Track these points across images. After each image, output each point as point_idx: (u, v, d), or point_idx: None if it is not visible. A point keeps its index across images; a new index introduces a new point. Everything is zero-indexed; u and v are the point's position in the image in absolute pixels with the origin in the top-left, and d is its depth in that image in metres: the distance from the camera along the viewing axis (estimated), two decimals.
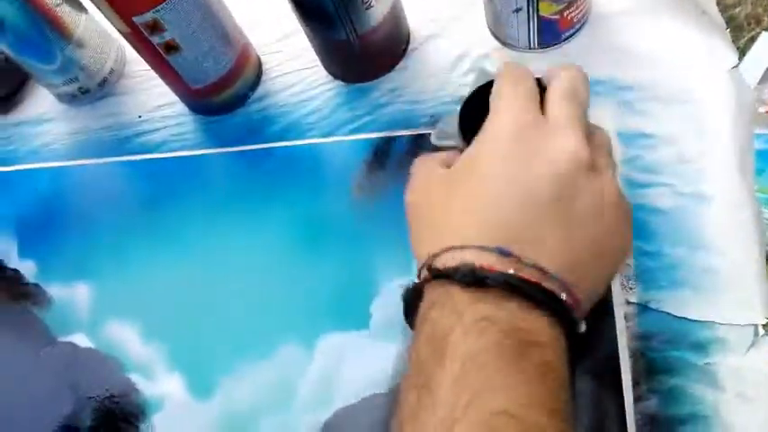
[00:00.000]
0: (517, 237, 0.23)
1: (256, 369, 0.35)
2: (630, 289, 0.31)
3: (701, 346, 0.30)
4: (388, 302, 0.34)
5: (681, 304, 0.31)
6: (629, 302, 0.31)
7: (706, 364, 0.30)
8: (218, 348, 0.36)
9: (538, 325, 0.22)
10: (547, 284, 0.23)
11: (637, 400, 0.30)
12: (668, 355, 0.30)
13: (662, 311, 0.31)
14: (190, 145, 0.42)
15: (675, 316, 0.31)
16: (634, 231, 0.28)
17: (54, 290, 0.41)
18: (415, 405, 0.22)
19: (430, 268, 0.24)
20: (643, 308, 0.31)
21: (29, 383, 0.38)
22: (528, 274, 0.23)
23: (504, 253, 0.23)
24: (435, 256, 0.24)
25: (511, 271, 0.22)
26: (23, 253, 0.43)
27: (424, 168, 0.29)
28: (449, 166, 0.27)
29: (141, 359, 0.37)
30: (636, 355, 0.30)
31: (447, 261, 0.24)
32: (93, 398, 0.36)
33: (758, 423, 0.28)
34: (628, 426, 0.29)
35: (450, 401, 0.21)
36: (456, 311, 0.22)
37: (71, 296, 0.40)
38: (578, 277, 0.23)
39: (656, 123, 0.34)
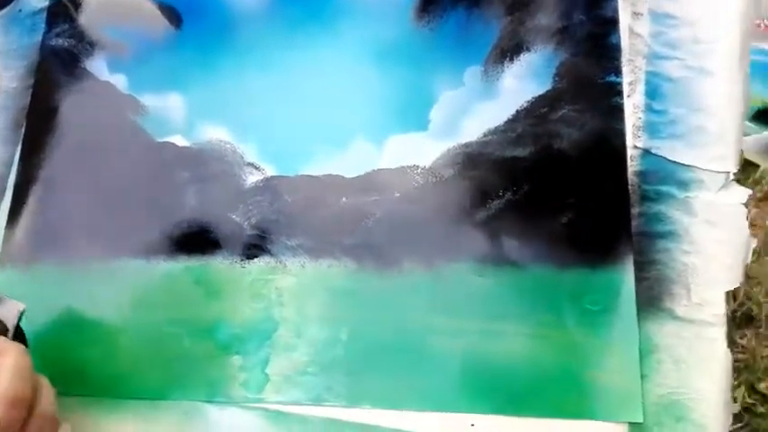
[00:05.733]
0: None
1: (333, 160, 0.46)
2: (639, 137, 0.44)
3: (683, 184, 0.43)
4: (443, 108, 0.46)
5: (674, 152, 0.43)
6: (636, 147, 0.43)
7: (686, 197, 0.43)
8: (300, 143, 0.47)
9: None
10: None
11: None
12: (658, 188, 0.43)
13: (659, 156, 0.43)
14: None
15: (669, 160, 0.43)
16: (649, 93, 0.40)
17: (147, 99, 0.51)
18: None
19: None
20: (645, 152, 0.43)
21: (138, 177, 0.49)
22: None
23: None
24: None
25: None
26: (113, 68, 0.53)
27: None
28: None
29: (235, 155, 0.48)
30: (633, 187, 0.43)
31: None
32: (194, 185, 0.48)
33: (714, 239, 0.42)
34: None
35: None
36: None
37: (165, 104, 0.51)
38: None
39: (681, 7, 0.45)
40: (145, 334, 0.45)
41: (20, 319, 0.41)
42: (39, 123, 0.52)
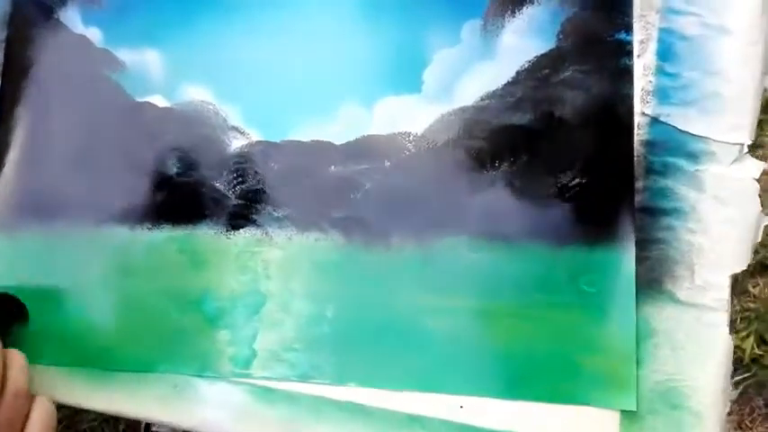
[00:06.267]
0: None
1: (321, 126, 0.44)
2: (647, 102, 0.40)
3: (694, 156, 0.40)
4: (438, 70, 0.42)
5: (686, 120, 0.40)
6: (644, 114, 0.40)
7: (695, 170, 0.40)
8: (287, 107, 0.45)
9: None
10: None
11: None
12: (665, 160, 0.40)
13: (669, 124, 0.40)
14: None
15: (679, 129, 0.40)
16: (661, 54, 0.36)
17: (124, 55, 0.48)
18: None
19: None
20: (654, 120, 0.40)
21: (117, 138, 0.47)
22: None
23: None
24: None
25: None
26: (87, 20, 0.50)
27: None
28: None
29: (218, 118, 0.46)
30: (639, 158, 0.40)
31: None
32: (177, 149, 0.46)
33: (723, 217, 0.39)
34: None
35: None
36: None
37: (142, 61, 0.48)
38: None
39: None
40: (131, 304, 0.45)
41: (19, 308, 0.44)
42: (14, 80, 0.50)
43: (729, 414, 0.41)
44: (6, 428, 0.37)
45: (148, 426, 0.95)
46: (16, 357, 0.40)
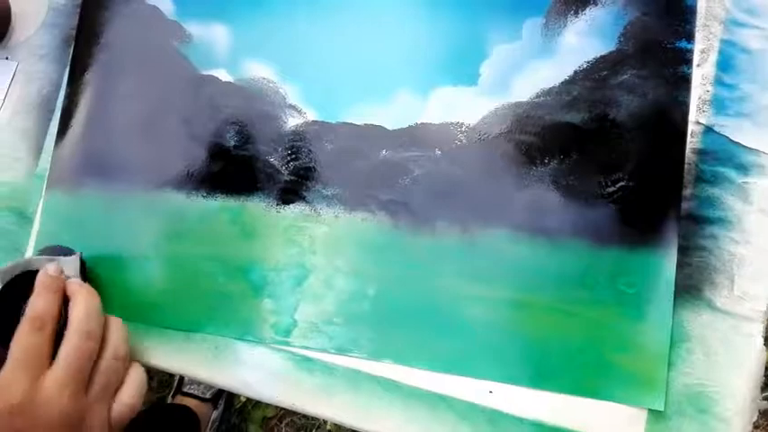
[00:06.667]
0: None
1: (376, 110, 0.46)
2: (703, 111, 0.41)
3: (743, 168, 0.40)
4: (496, 64, 0.44)
5: (739, 132, 0.41)
6: (698, 122, 0.41)
7: (744, 182, 0.40)
8: (344, 90, 0.46)
9: None
10: None
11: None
12: (715, 169, 0.41)
13: (722, 135, 0.41)
14: None
15: (731, 140, 0.41)
16: (721, 65, 0.37)
17: (192, 28, 0.50)
18: None
19: None
20: (708, 129, 0.41)
21: (180, 107, 0.49)
22: None
23: None
24: None
25: None
26: None
27: None
28: None
29: (277, 96, 0.48)
30: (690, 166, 0.41)
31: None
32: (236, 122, 0.48)
33: (767, 230, 0.40)
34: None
35: None
36: None
37: (210, 35, 0.50)
38: None
39: None
40: (181, 267, 0.47)
41: (82, 267, 0.46)
42: (86, 44, 0.53)
43: (756, 427, 0.41)
44: (102, 389, 0.40)
45: (180, 383, 0.99)
46: (117, 324, 0.43)
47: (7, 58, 0.54)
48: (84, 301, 0.41)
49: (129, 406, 0.41)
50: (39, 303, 0.40)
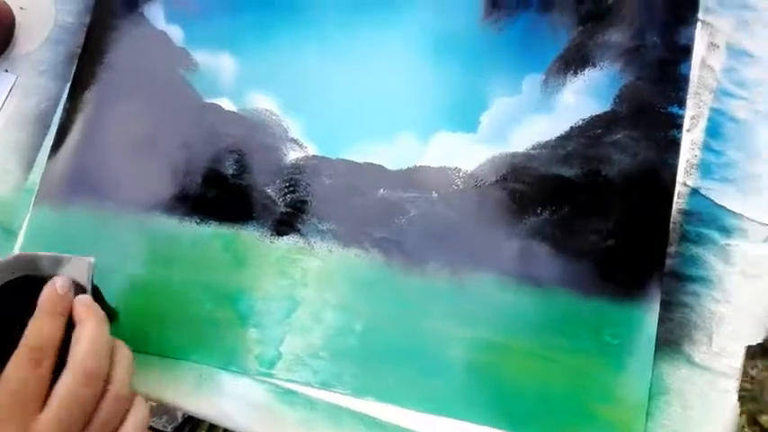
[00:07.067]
0: None
1: (377, 149, 0.47)
2: (690, 174, 0.43)
3: (726, 230, 0.43)
4: (496, 115, 0.46)
5: (723, 196, 0.43)
6: (685, 184, 0.43)
7: (726, 244, 0.42)
8: (346, 127, 0.48)
9: None
10: None
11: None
12: (699, 230, 0.43)
13: (707, 197, 0.43)
14: None
15: (716, 203, 0.43)
16: (709, 131, 0.40)
17: (199, 56, 0.52)
18: None
19: None
20: (694, 191, 0.43)
21: (180, 133, 0.50)
22: None
23: None
24: None
25: None
26: (170, 18, 0.53)
27: None
28: None
29: (280, 128, 0.49)
30: (675, 225, 0.43)
31: None
32: (235, 151, 0.49)
33: (748, 291, 0.42)
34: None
35: None
36: None
37: (217, 64, 0.51)
38: None
39: (760, 46, 0.44)
40: (170, 292, 0.47)
41: (93, 273, 0.41)
42: (90, 63, 0.53)
43: None
44: (100, 429, 0.36)
45: None
46: (124, 354, 0.38)
47: (7, 71, 0.54)
48: (90, 333, 0.37)
49: None
50: (41, 329, 0.36)
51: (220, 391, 0.45)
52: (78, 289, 0.40)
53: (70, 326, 0.38)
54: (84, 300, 0.39)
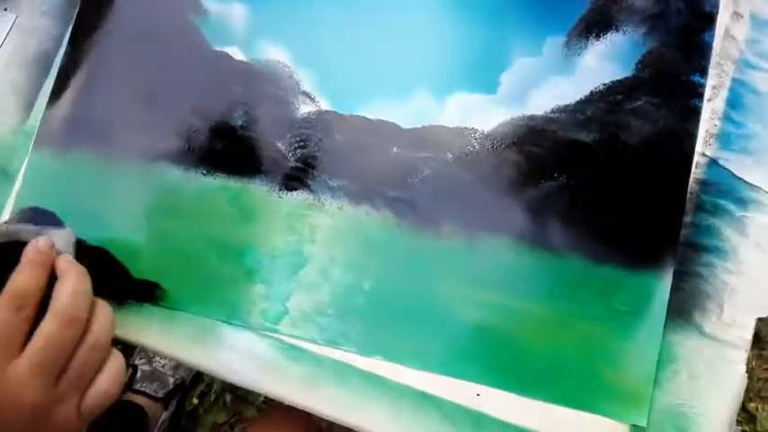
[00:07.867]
0: None
1: (391, 107, 0.46)
2: (709, 144, 0.43)
3: (743, 202, 0.43)
4: (516, 76, 0.45)
5: (741, 168, 0.43)
6: (704, 154, 0.43)
7: (742, 216, 0.43)
8: (361, 83, 0.47)
9: None
10: None
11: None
12: (716, 201, 0.43)
13: (725, 168, 0.43)
14: None
15: (734, 174, 0.43)
16: (730, 102, 0.39)
17: (210, 3, 0.50)
18: None
19: None
20: (712, 161, 0.43)
21: (188, 81, 0.49)
22: None
23: None
24: None
25: None
26: None
27: None
28: None
29: (291, 81, 0.48)
30: (691, 195, 0.43)
31: None
32: (245, 103, 0.48)
33: (761, 263, 0.42)
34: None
35: None
36: None
37: (227, 12, 0.50)
38: None
39: None
40: (173, 243, 0.47)
41: (75, 247, 0.42)
42: (95, 5, 0.51)
43: None
44: (76, 378, 0.37)
45: (131, 380, 0.96)
46: (104, 310, 0.39)
47: (6, 9, 0.53)
48: (72, 281, 0.38)
49: (104, 394, 0.38)
50: (22, 279, 0.37)
51: (223, 344, 0.45)
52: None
53: (53, 284, 0.38)
54: (67, 257, 0.40)
